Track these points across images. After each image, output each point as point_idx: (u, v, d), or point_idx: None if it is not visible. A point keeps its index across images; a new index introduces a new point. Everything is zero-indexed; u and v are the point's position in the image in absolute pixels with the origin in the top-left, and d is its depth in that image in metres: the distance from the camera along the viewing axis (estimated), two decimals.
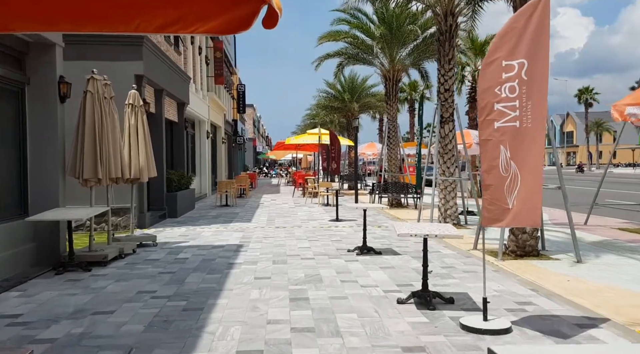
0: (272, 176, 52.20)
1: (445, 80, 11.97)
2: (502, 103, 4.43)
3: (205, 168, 22.65)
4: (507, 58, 4.41)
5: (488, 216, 4.50)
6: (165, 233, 11.11)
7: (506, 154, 4.38)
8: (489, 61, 4.48)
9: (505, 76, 4.42)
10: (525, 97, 4.36)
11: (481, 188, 4.58)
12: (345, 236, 10.49)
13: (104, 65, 11.11)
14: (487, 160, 4.46)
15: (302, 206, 17.84)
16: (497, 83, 4.43)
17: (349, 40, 17.05)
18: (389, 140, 17.79)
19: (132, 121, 9.12)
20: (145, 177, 9.14)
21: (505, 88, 4.41)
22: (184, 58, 18.38)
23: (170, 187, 14.30)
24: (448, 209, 11.96)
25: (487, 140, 4.48)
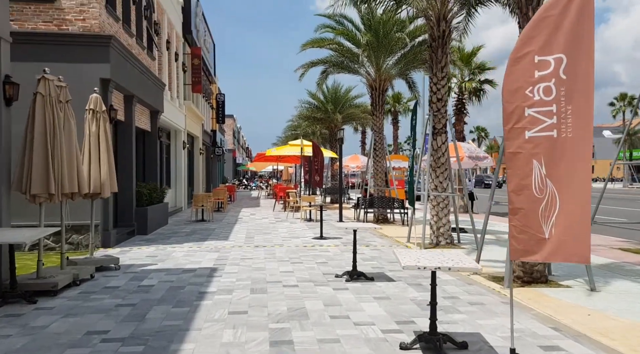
0: (252, 188, 51.03)
1: (438, 89, 11.22)
2: (535, 108, 3.59)
3: (180, 180, 21.54)
4: (540, 52, 3.59)
5: (518, 247, 3.63)
6: (132, 253, 10.03)
7: (541, 171, 3.53)
8: (518, 56, 3.65)
9: (538, 75, 3.59)
10: (565, 101, 3.53)
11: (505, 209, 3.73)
12: (332, 257, 9.55)
13: (64, 67, 10.09)
14: (516, 178, 3.61)
15: (283, 221, 16.86)
16: (528, 83, 3.60)
17: (334, 47, 16.28)
18: (374, 153, 16.98)
19: (93, 128, 8.10)
20: (106, 191, 8.10)
21: (539, 90, 3.58)
22: (158, 64, 17.36)
23: (141, 201, 13.21)
24: (441, 227, 11.13)
25: (515, 153, 3.63)
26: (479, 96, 22.43)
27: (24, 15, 10.12)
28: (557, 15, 3.55)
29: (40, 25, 10.21)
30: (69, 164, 6.98)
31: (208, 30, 29.93)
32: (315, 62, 17.17)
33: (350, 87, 28.64)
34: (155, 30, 16.06)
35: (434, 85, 11.29)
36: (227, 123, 62.75)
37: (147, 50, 14.83)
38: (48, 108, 6.59)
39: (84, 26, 10.34)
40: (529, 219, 3.57)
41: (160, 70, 17.66)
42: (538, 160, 3.54)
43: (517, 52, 3.65)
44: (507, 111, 3.68)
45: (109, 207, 10.82)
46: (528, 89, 3.59)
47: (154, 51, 15.99)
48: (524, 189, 3.57)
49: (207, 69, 29.37)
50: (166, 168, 20.33)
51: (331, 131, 28.68)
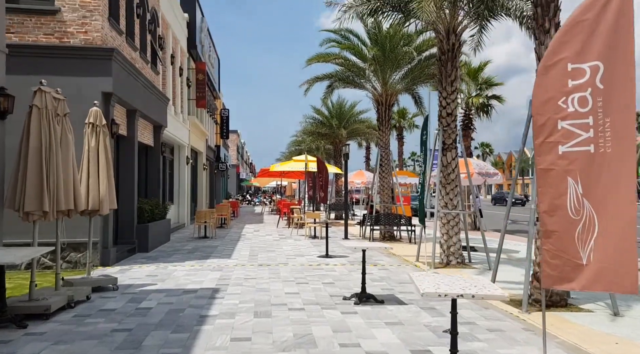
0: (256, 204, 50.68)
1: (448, 104, 10.93)
2: (569, 121, 3.27)
3: (184, 196, 21.23)
4: (574, 60, 3.27)
5: (551, 273, 3.28)
6: (131, 272, 9.67)
7: (577, 189, 3.20)
8: (549, 64, 3.33)
9: (572, 84, 3.27)
10: (602, 113, 3.21)
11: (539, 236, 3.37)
12: (339, 277, 9.17)
13: (66, 80, 9.86)
14: (549, 197, 3.27)
15: (287, 238, 16.48)
16: (561, 93, 3.28)
17: (340, 61, 16.06)
18: (381, 169, 16.66)
19: (93, 143, 7.81)
20: (105, 208, 7.78)
21: (574, 101, 3.26)
22: (162, 78, 17.17)
23: (142, 218, 12.88)
24: (451, 245, 10.74)
25: (547, 170, 3.30)
26: (487, 112, 22.14)
27: (25, 27, 9.93)
28: (592, 19, 3.24)
29: (42, 37, 10.00)
30: (66, 180, 6.68)
31: (213, 45, 29.90)
32: (320, 76, 16.95)
33: (355, 102, 28.39)
34: (160, 44, 15.90)
35: (443, 99, 11.00)
36: (231, 138, 62.70)
37: (151, 65, 14.64)
38: (44, 122, 6.30)
39: (86, 39, 10.14)
40: (563, 243, 3.23)
41: (165, 84, 17.47)
42: (573, 178, 3.20)
43: (548, 60, 3.34)
44: (538, 124, 3.35)
45: (108, 224, 10.50)
46: (561, 100, 3.27)
47: (158, 65, 15.81)
48: (558, 209, 3.23)
49: (211, 84, 29.26)
50: (169, 183, 20.04)
51: (335, 146, 28.39)
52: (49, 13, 9.99)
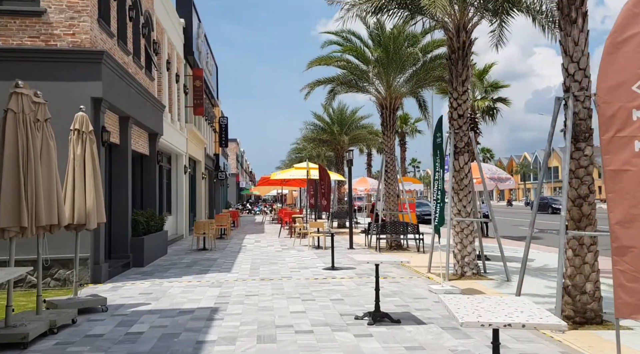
0: (256, 213, 49.98)
1: (459, 105, 10.31)
2: None
3: (182, 206, 20.57)
4: None
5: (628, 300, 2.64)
6: (124, 290, 9.00)
7: None
8: (618, 41, 2.71)
9: None
10: None
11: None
12: (347, 292, 8.49)
13: (53, 85, 9.26)
14: (624, 206, 2.63)
15: (289, 249, 15.80)
16: (635, 76, 2.65)
17: (342, 64, 15.46)
18: (386, 175, 16.02)
19: (78, 151, 7.17)
20: (92, 222, 7.12)
21: None
22: (158, 84, 16.58)
23: (137, 230, 12.22)
24: (466, 255, 10.08)
25: (621, 171, 2.66)
26: (492, 115, 21.55)
27: (9, 30, 9.32)
28: None
29: (26, 40, 9.40)
30: (47, 192, 6.03)
31: (211, 52, 29.36)
32: (322, 80, 16.35)
33: (357, 108, 27.87)
34: (154, 49, 15.31)
35: (454, 100, 10.39)
36: (230, 147, 62.09)
37: (145, 70, 14.04)
38: (21, 128, 5.67)
39: (74, 41, 9.53)
40: None
41: (160, 91, 16.88)
42: None
43: (616, 35, 2.71)
44: (606, 115, 2.72)
45: (100, 238, 9.83)
46: (636, 84, 2.64)
47: (153, 71, 15.21)
48: (636, 221, 2.59)
49: (209, 92, 28.69)
50: (166, 194, 19.39)
51: (337, 153, 27.79)
52: (34, 14, 9.39)
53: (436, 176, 8.63)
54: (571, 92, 6.67)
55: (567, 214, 6.56)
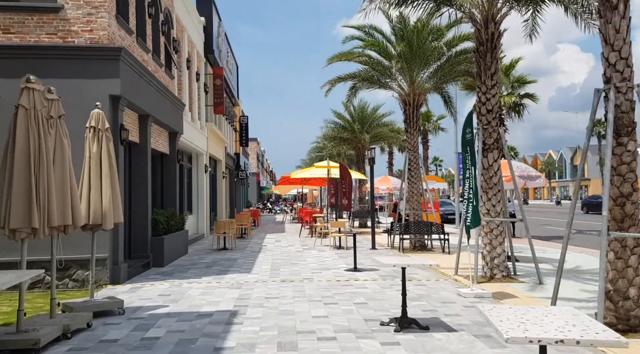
0: (277, 212, 49.88)
1: (488, 99, 9.88)
2: None
3: (202, 205, 20.44)
4: None
5: None
6: (142, 291, 8.80)
7: None
8: None
9: None
10: None
11: None
12: (371, 296, 8.14)
13: (68, 83, 9.12)
14: None
15: (310, 249, 15.51)
16: None
17: (364, 59, 15.08)
18: (409, 173, 15.61)
19: (94, 149, 6.98)
20: (109, 223, 6.92)
21: None
22: (177, 83, 16.44)
23: (157, 230, 12.06)
24: (495, 257, 9.64)
25: None
26: (519, 111, 20.91)
27: (26, 27, 9.20)
28: None
29: (44, 37, 9.27)
30: (60, 191, 5.83)
31: (231, 51, 29.25)
32: (343, 76, 16.00)
33: (378, 106, 27.40)
34: (174, 47, 15.16)
35: (482, 94, 9.95)
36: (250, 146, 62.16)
37: (165, 68, 13.88)
38: (33, 125, 5.47)
39: (92, 38, 9.37)
40: None
41: (180, 90, 16.75)
42: None
43: None
44: None
45: (118, 238, 9.67)
46: None
47: (173, 69, 15.06)
48: None
49: (229, 91, 28.58)
50: (187, 193, 19.29)
51: (358, 152, 27.39)
52: (52, 11, 9.25)
53: (467, 174, 8.21)
54: (612, 83, 6.22)
55: (608, 214, 6.11)
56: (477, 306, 3.64)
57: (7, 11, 9.15)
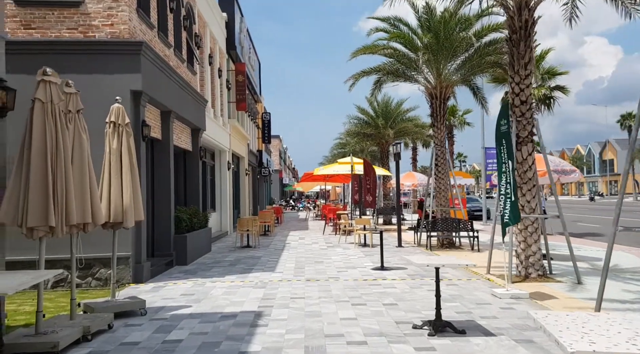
0: (300, 209, 49.72)
1: (521, 90, 9.40)
2: None
3: (226, 202, 20.31)
4: None
5: None
6: (165, 290, 8.61)
7: None
8: None
9: None
10: None
11: None
12: (401, 296, 7.79)
13: (88, 78, 8.98)
14: None
15: (335, 246, 15.20)
16: None
17: (389, 52, 14.67)
18: (437, 169, 15.16)
19: (115, 145, 6.78)
20: (129, 221, 6.72)
21: None
22: (200, 79, 16.29)
23: (180, 228, 11.90)
24: (530, 255, 9.18)
25: None
26: (549, 105, 20.19)
27: (47, 22, 9.09)
28: None
29: (65, 32, 9.14)
30: (79, 188, 5.63)
31: (253, 47, 29.08)
32: (367, 70, 15.60)
33: (402, 100, 26.86)
34: (196, 43, 15.00)
35: (515, 85, 9.47)
36: (273, 143, 62.13)
37: (187, 64, 13.71)
38: (50, 119, 5.27)
39: (112, 32, 9.21)
40: None
41: (203, 86, 16.59)
42: None
43: None
44: None
45: (141, 236, 9.51)
46: None
47: (195, 65, 14.90)
48: None
49: (252, 88, 28.43)
50: (210, 190, 19.16)
51: (382, 147, 26.94)
52: (72, 5, 9.12)
53: (503, 168, 7.77)
54: None
55: None
56: (530, 313, 3.28)
57: (28, 6, 9.04)
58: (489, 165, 26.06)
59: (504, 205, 7.74)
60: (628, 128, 67.06)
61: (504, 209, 7.75)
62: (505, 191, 7.72)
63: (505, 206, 7.69)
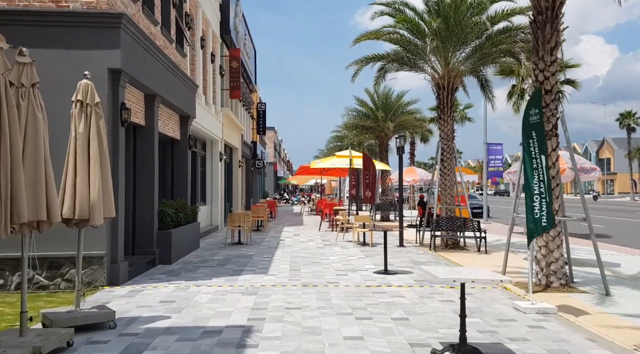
0: (294, 203, 48.71)
1: (546, 78, 8.41)
2: None
3: (217, 195, 19.28)
4: None
5: None
6: (142, 296, 7.61)
7: None
8: None
9: None
10: None
11: None
12: (411, 308, 6.83)
13: (59, 54, 7.99)
14: None
15: (332, 245, 14.24)
16: None
17: (395, 37, 13.63)
18: (442, 164, 14.20)
19: (81, 128, 5.75)
20: (97, 218, 5.71)
21: None
22: (191, 63, 15.21)
23: (164, 223, 10.89)
24: (552, 262, 8.24)
25: None
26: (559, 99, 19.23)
27: None
28: None
29: (35, 2, 8.06)
30: (32, 178, 4.62)
31: (249, 34, 27.94)
32: (370, 57, 14.56)
33: (403, 92, 25.82)
34: (187, 23, 13.91)
35: (540, 72, 8.49)
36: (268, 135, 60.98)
37: (176, 45, 12.64)
38: None
39: (88, 2, 8.14)
40: None
41: (194, 70, 15.52)
42: None
43: None
44: None
45: (118, 232, 8.49)
46: None
47: (185, 47, 13.82)
48: None
49: (247, 76, 27.33)
50: (201, 182, 18.13)
51: (381, 141, 25.96)
52: None
53: (534, 164, 6.79)
54: None
55: None
56: None
57: None
58: (490, 162, 25.17)
59: (540, 206, 6.75)
60: (627, 127, 66.31)
61: (540, 211, 6.76)
62: (539, 191, 6.74)
63: (542, 208, 6.70)
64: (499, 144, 25.39)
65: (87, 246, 8.03)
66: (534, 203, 6.80)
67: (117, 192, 8.36)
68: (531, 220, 6.84)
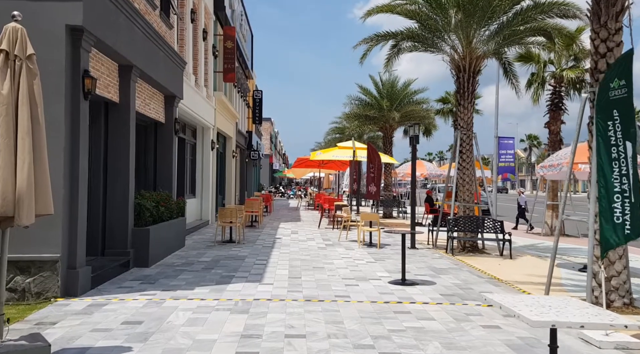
0: (290, 197, 47.07)
1: (609, 49, 6.90)
2: None
3: (208, 188, 17.62)
4: None
5: None
6: (102, 313, 5.98)
7: None
8: None
9: None
10: None
11: None
12: (448, 337, 5.24)
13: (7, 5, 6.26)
14: None
15: (335, 245, 12.64)
16: None
17: (412, 9, 11.96)
18: (461, 157, 12.61)
19: (5, 90, 4.11)
20: (25, 215, 4.07)
21: None
22: (179, 37, 13.53)
23: (142, 218, 9.26)
24: (614, 277, 6.69)
25: None
26: (579, 89, 17.66)
27: None
28: None
29: None
30: None
31: (246, 15, 26.20)
32: (382, 35, 12.90)
33: (409, 81, 24.16)
34: None
35: (601, 42, 6.90)
36: (264, 126, 59.27)
37: (160, 12, 10.95)
38: None
39: None
40: None
41: (182, 46, 13.84)
42: None
43: None
44: None
45: (77, 230, 6.85)
46: None
47: (172, 17, 12.12)
48: None
49: (243, 61, 25.62)
50: (190, 173, 16.48)
51: (386, 132, 24.33)
52: None
53: (614, 153, 5.20)
54: None
55: None
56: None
57: None
58: (501, 157, 23.62)
59: (622, 209, 5.18)
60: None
61: (622, 215, 5.19)
62: (621, 189, 5.15)
63: (625, 212, 5.13)
64: (510, 138, 23.83)
65: (37, 247, 6.43)
66: (614, 204, 5.20)
67: (76, 178, 6.74)
68: (609, 226, 5.25)
